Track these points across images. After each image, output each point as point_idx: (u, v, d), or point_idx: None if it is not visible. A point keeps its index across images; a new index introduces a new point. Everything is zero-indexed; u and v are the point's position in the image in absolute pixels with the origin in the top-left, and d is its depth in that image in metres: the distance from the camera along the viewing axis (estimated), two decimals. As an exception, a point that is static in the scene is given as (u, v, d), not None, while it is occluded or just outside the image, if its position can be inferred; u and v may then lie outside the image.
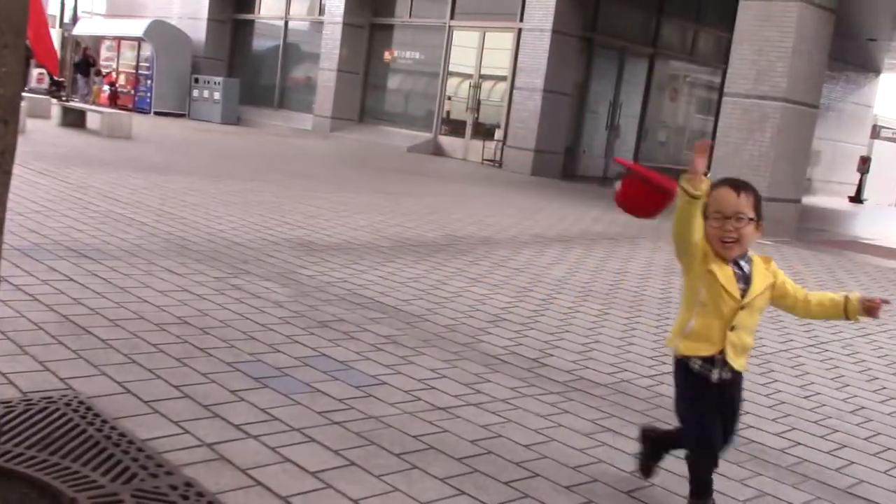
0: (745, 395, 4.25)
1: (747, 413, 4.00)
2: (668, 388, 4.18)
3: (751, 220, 2.68)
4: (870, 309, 2.70)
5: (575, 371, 4.32)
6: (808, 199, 20.55)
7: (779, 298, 2.80)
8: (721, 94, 13.21)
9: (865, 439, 3.86)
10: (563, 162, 18.65)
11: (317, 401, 3.44)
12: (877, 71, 26.60)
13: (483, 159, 19.17)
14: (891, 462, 3.61)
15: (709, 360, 2.72)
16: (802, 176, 12.02)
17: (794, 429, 3.88)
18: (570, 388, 4.04)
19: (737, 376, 2.78)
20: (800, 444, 3.68)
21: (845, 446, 3.73)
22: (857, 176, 24.93)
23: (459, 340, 4.61)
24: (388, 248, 7.10)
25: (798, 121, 11.31)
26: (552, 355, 4.55)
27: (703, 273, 2.72)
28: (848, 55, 23.25)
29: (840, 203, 23.28)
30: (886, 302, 2.73)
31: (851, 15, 17.41)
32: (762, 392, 4.37)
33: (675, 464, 3.16)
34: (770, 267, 2.79)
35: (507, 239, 8.47)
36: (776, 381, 4.61)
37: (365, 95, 22.67)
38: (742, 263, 2.74)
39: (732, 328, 2.70)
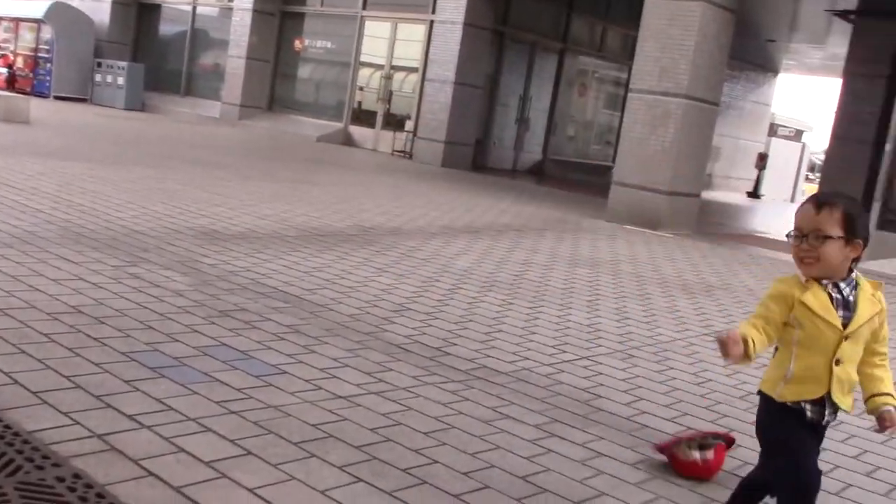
0: (639, 381, 4.40)
1: (641, 399, 4.12)
2: (568, 376, 4.28)
3: (834, 238, 2.39)
4: (881, 423, 2.47)
5: (477, 360, 4.37)
6: (708, 194, 21.21)
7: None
8: (627, 89, 13.49)
9: (751, 423, 4.00)
10: (473, 154, 18.78)
11: (214, 390, 3.39)
12: (775, 71, 27.62)
13: (393, 150, 19.14)
14: (775, 445, 3.75)
15: (818, 403, 2.44)
16: (703, 171, 12.38)
17: (686, 414, 4.01)
18: (472, 377, 4.08)
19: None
20: (691, 427, 3.80)
21: (733, 430, 3.87)
22: (755, 172, 25.83)
23: (363, 330, 4.61)
24: (294, 237, 7.03)
25: (699, 117, 11.65)
26: (455, 344, 4.59)
27: (797, 306, 2.44)
28: (748, 55, 24.08)
29: (738, 198, 24.08)
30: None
31: (752, 16, 18.03)
32: (657, 379, 4.50)
33: (563, 445, 3.23)
34: (878, 294, 2.49)
35: (415, 230, 8.49)
36: (671, 368, 4.76)
37: (274, 83, 22.37)
38: (843, 287, 2.44)
39: (837, 362, 2.41)
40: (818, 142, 33.34)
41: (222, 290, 4.95)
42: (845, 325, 2.39)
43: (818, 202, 2.44)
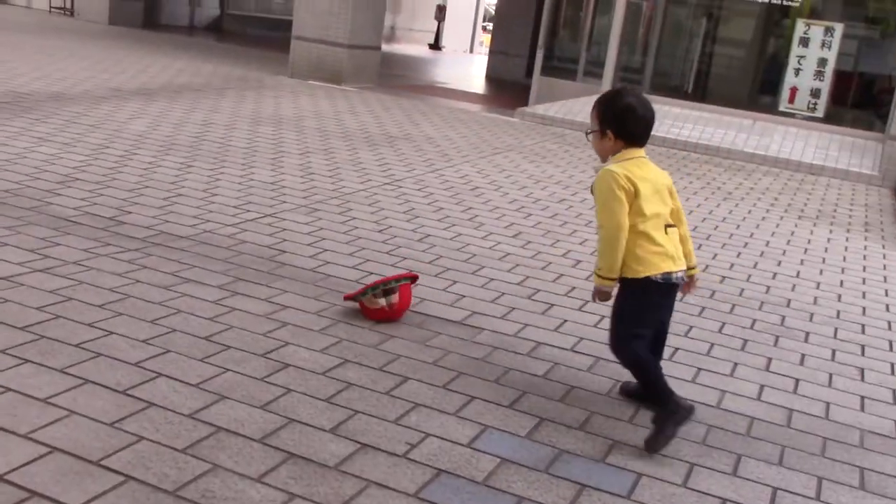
0: (323, 234, 4.48)
1: (325, 251, 4.21)
2: (252, 235, 4.26)
3: (594, 132, 2.85)
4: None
5: (155, 226, 4.21)
6: (391, 47, 21.47)
7: None
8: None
9: (429, 262, 4.26)
10: (144, 10, 17.45)
11: None
12: (448, -78, 27.94)
13: (51, 7, 17.28)
14: (447, 280, 4.03)
15: None
16: (381, 23, 12.44)
17: (368, 261, 4.16)
18: (150, 244, 3.93)
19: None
20: (374, 273, 3.96)
21: (411, 271, 4.09)
22: (436, 24, 26.44)
23: (24, 205, 4.24)
24: (-66, 108, 6.22)
25: (375, -32, 11.61)
26: (130, 213, 4.38)
27: None
28: None
29: (420, 50, 24.63)
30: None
31: None
32: (340, 230, 4.61)
33: (247, 302, 3.26)
34: (593, 185, 2.85)
35: (81, 94, 7.83)
36: (354, 218, 4.89)
37: None
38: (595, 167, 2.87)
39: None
40: (491, -7, 34.60)
41: None
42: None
43: (598, 99, 2.89)
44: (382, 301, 3.38)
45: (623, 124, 2.82)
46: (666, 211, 2.82)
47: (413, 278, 3.57)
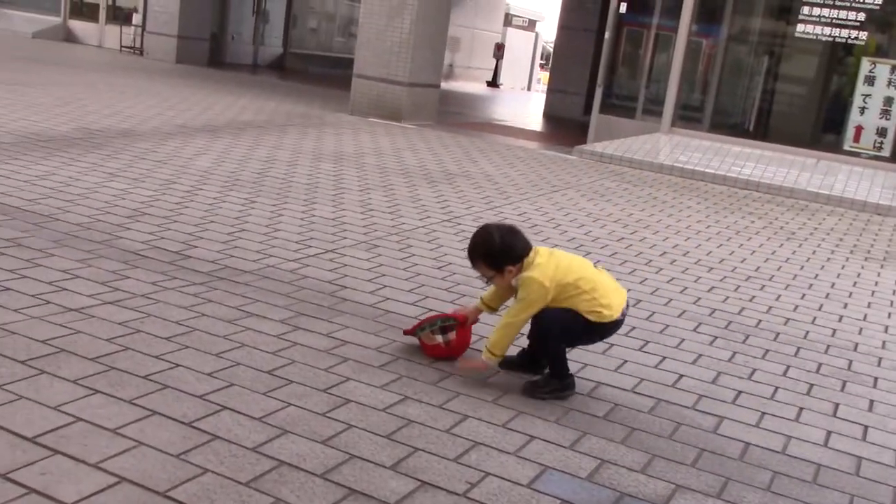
0: (383, 270, 4.52)
1: (385, 287, 4.25)
2: (313, 270, 4.32)
3: (493, 275, 3.20)
4: None
5: (219, 261, 4.29)
6: (449, 85, 21.72)
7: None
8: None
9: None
10: (210, 49, 17.94)
11: (-76, 315, 3.11)
12: (507, -39, 28.29)
13: (122, 46, 17.86)
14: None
15: None
16: (441, 61, 12.59)
17: (427, 297, 4.19)
18: (215, 278, 4.01)
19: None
20: (432, 310, 3.98)
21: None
22: (494, 62, 26.67)
23: (95, 238, 4.37)
24: (11, 143, 6.45)
25: (434, 8, 11.77)
26: (196, 247, 4.48)
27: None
28: (481, -55, 24.45)
29: (478, 87, 24.84)
30: None
31: None
32: (400, 266, 4.65)
33: (308, 337, 3.29)
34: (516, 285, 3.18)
35: (149, 130, 8.05)
36: (414, 255, 4.92)
37: (-24, -27, 19.96)
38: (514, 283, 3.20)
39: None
40: (550, 31, 34.87)
41: (-73, 206, 4.48)
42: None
43: (470, 258, 3.25)
44: (439, 338, 3.39)
45: (513, 251, 3.16)
46: (580, 264, 3.24)
47: (462, 320, 3.53)
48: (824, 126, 11.45)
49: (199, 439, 2.50)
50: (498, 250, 3.15)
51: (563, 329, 3.15)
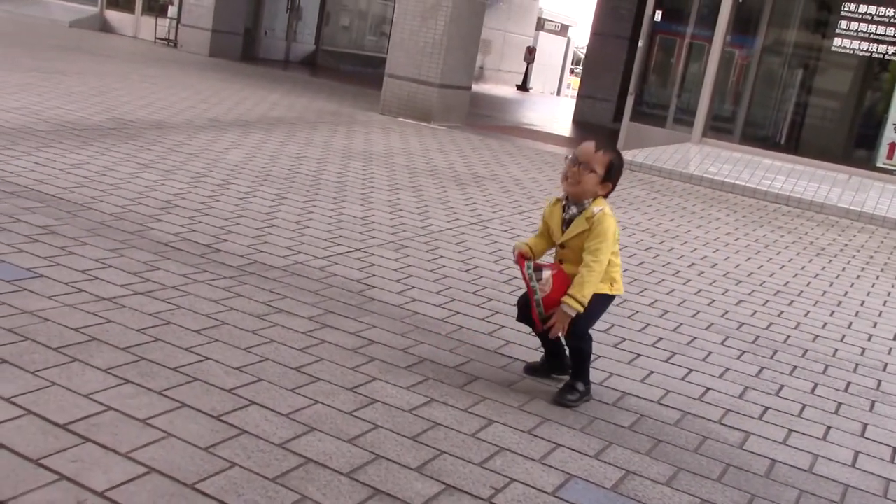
0: (411, 270, 4.53)
1: (412, 288, 4.26)
2: (342, 268, 4.34)
3: (595, 172, 3.08)
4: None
5: (249, 255, 4.32)
6: (480, 87, 21.72)
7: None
8: (398, -20, 13.34)
9: (514, 304, 4.25)
10: (243, 43, 18.05)
11: (-40, 298, 3.15)
12: (542, -34, 28.24)
13: (156, 38, 18.01)
14: (535, 324, 4.02)
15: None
16: (473, 64, 12.60)
17: (454, 300, 4.19)
18: (244, 273, 4.04)
19: None
20: (459, 313, 3.99)
21: (497, 312, 4.10)
22: (524, 65, 26.65)
23: (127, 229, 4.41)
24: (47, 132, 6.53)
25: (469, 10, 11.78)
26: (226, 241, 4.51)
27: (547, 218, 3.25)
28: (516, -51, 24.43)
29: (508, 91, 24.82)
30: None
31: None
32: (428, 268, 4.66)
33: (336, 335, 3.31)
34: (589, 220, 3.09)
35: (182, 123, 8.12)
36: (441, 256, 4.93)
37: (16, -39, 20.19)
38: (572, 209, 3.15)
39: (561, 261, 3.21)
40: (582, 36, 34.77)
41: (-36, 191, 4.54)
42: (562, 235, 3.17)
43: (598, 145, 3.12)
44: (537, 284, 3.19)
45: (618, 178, 3.19)
46: None
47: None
48: (857, 142, 11.34)
49: (227, 433, 2.51)
50: (620, 164, 3.16)
51: (587, 318, 3.12)
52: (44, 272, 3.58)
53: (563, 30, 33.51)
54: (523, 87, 26.21)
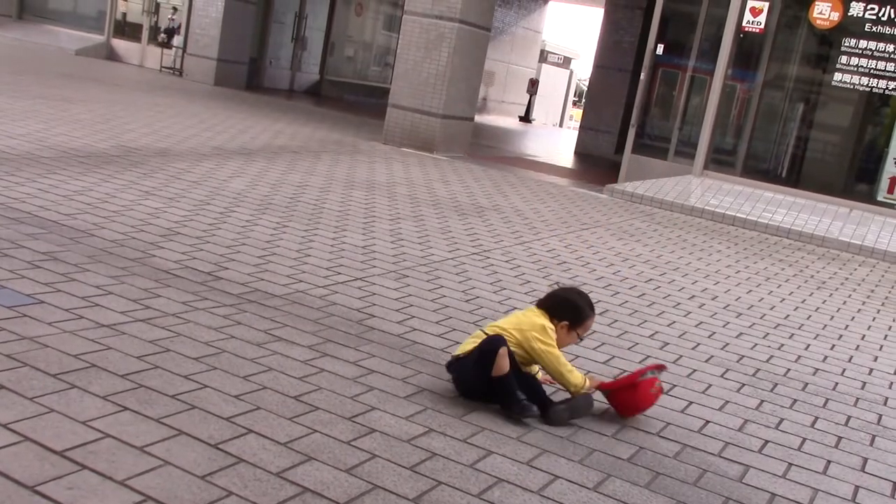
0: (412, 300, 4.53)
1: (412, 318, 4.26)
2: (342, 297, 4.34)
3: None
4: None
5: (250, 283, 4.33)
6: (482, 118, 21.84)
7: None
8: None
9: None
10: (248, 73, 18.19)
11: (-40, 323, 3.16)
12: (545, -1, 28.49)
13: (162, 66, 18.15)
14: (534, 355, 4.01)
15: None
16: (476, 95, 12.68)
17: (454, 330, 4.19)
18: (245, 301, 4.04)
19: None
20: (459, 343, 3.98)
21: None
22: (527, 97, 26.81)
23: (128, 256, 4.42)
24: (51, 158, 6.56)
25: (472, 42, 11.88)
26: (227, 269, 4.52)
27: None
28: (520, -18, 24.67)
29: (511, 122, 24.95)
30: None
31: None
32: (428, 297, 4.66)
33: (335, 364, 3.30)
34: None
35: (186, 151, 8.16)
36: (442, 286, 4.94)
37: (24, -11, 20.42)
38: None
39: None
40: (585, 69, 35.00)
41: (-33, 216, 4.56)
42: None
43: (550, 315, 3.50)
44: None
45: (565, 312, 3.50)
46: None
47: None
48: (858, 176, 11.38)
49: (224, 462, 2.51)
50: (562, 299, 3.56)
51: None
52: (44, 298, 3.59)
53: (565, 62, 33.74)
54: (526, 118, 26.34)
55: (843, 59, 10.79)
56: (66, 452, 2.40)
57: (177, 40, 18.01)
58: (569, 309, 3.45)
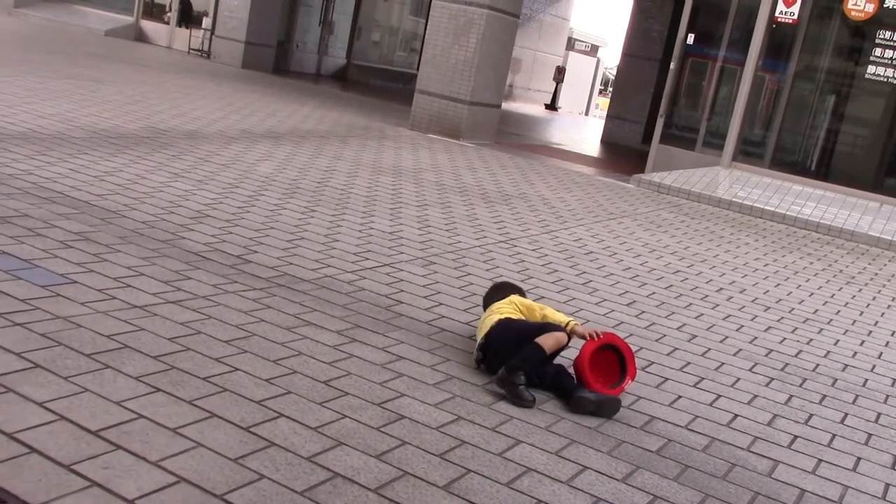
0: (439, 287, 4.53)
1: (440, 304, 4.26)
2: (370, 283, 4.35)
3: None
4: None
5: (279, 267, 4.34)
6: (509, 105, 21.75)
7: None
8: (431, -3, 13.43)
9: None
10: (275, 56, 18.21)
11: (-4, 302, 3.19)
12: (573, -14, 28.30)
13: (190, 49, 18.21)
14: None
15: None
16: (503, 82, 12.63)
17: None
18: (274, 285, 4.06)
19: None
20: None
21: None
22: (553, 85, 26.67)
23: (159, 237, 4.45)
24: (81, 139, 6.61)
25: (501, 28, 11.82)
26: (256, 252, 4.54)
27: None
28: (548, -32, 24.50)
29: (537, 110, 24.84)
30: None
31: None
32: (455, 284, 4.66)
33: (364, 350, 3.31)
34: None
35: (214, 133, 8.19)
36: (469, 273, 4.93)
37: (55, -30, 20.51)
38: None
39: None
40: (612, 57, 34.81)
41: (0, 195, 4.60)
42: None
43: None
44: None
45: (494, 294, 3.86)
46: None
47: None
48: (889, 170, 11.24)
49: (255, 445, 2.52)
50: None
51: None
52: (77, 278, 3.62)
53: (592, 50, 33.53)
54: (552, 106, 26.22)
55: (878, 51, 10.64)
56: (101, 432, 2.42)
57: (205, 22, 18.05)
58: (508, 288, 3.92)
